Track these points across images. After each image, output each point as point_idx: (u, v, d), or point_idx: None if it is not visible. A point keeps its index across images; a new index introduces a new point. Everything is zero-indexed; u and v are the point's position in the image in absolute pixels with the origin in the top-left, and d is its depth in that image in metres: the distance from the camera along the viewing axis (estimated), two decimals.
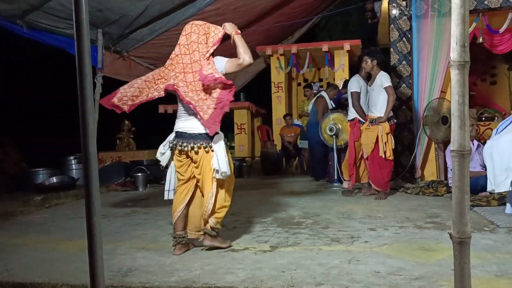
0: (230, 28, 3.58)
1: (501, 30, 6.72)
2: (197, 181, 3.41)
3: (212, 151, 3.28)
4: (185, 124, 3.43)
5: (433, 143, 6.47)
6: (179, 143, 3.35)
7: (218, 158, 3.23)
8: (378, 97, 5.43)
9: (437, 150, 6.50)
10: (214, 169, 3.24)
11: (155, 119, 11.84)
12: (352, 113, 5.81)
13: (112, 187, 7.71)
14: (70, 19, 6.48)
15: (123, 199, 6.40)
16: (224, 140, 3.34)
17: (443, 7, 6.42)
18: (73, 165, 8.82)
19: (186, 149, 3.31)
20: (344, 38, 11.65)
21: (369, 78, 5.77)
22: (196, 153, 3.30)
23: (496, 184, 3.93)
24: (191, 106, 3.25)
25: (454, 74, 1.64)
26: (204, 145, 3.29)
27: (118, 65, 8.57)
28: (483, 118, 7.98)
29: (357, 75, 5.93)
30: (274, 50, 9.72)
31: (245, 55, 3.42)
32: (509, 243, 3.29)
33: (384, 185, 5.50)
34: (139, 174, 7.54)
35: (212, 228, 3.32)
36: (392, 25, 7.03)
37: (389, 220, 4.27)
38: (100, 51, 7.63)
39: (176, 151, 3.38)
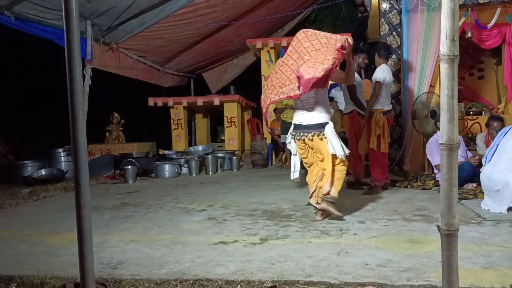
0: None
1: (489, 25, 6.77)
2: (320, 161, 4.06)
3: (325, 137, 3.92)
4: (301, 117, 4.07)
5: (422, 136, 6.52)
6: (297, 134, 4.07)
7: (333, 144, 3.88)
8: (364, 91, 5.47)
9: (426, 144, 6.55)
10: (331, 154, 3.89)
11: (144, 112, 11.77)
12: (351, 105, 5.83)
13: (102, 180, 7.67)
14: (58, 10, 6.41)
15: (113, 191, 6.37)
16: (334, 128, 3.96)
17: (433, 2, 6.45)
18: (62, 158, 8.74)
19: (303, 137, 4.01)
20: (334, 31, 11.64)
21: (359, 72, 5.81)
22: (311, 140, 3.98)
23: (505, 207, 4.01)
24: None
25: (444, 67, 1.65)
26: (317, 133, 3.94)
27: (107, 57, 8.52)
28: (471, 112, 8.05)
29: None
30: (264, 43, 9.70)
31: (352, 77, 4.33)
32: (495, 235, 3.34)
33: (376, 179, 5.50)
34: (129, 166, 7.50)
35: (332, 198, 3.97)
36: (382, 19, 7.04)
37: (377, 212, 4.31)
38: (89, 43, 7.57)
39: (296, 140, 4.11)
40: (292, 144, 4.23)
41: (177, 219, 4.32)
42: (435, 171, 5.71)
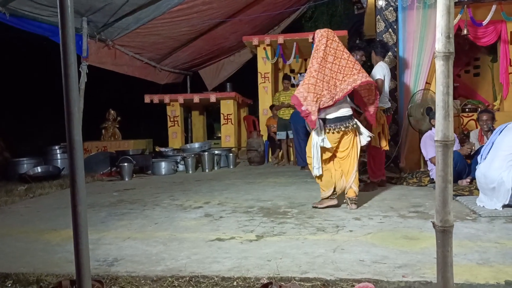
0: None
1: (485, 22, 6.79)
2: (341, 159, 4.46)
3: (356, 126, 4.38)
4: (341, 110, 4.32)
5: (418, 133, 6.54)
6: (337, 126, 4.30)
7: (361, 129, 4.42)
8: None
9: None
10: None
11: (141, 109, 11.75)
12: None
13: (98, 177, 7.66)
14: (53, 6, 6.37)
15: (109, 189, 6.36)
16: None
17: None
18: (58, 155, 8.72)
19: (342, 128, 4.30)
20: (330, 28, 11.64)
21: None
22: (349, 131, 4.35)
23: (501, 202, 4.03)
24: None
25: (439, 64, 1.66)
26: (352, 123, 4.35)
27: (103, 54, 8.49)
28: (467, 109, 8.07)
29: None
30: (260, 40, 9.68)
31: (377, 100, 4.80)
32: (490, 232, 3.36)
33: (373, 176, 5.50)
34: (125, 164, 7.49)
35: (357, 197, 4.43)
36: (378, 16, 7.05)
37: (373, 209, 4.32)
38: (85, 40, 7.54)
39: (334, 132, 4.31)
40: (326, 139, 4.30)
41: (173, 216, 4.32)
42: (429, 166, 5.72)
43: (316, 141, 4.30)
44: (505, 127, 4.25)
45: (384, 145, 5.36)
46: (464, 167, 5.31)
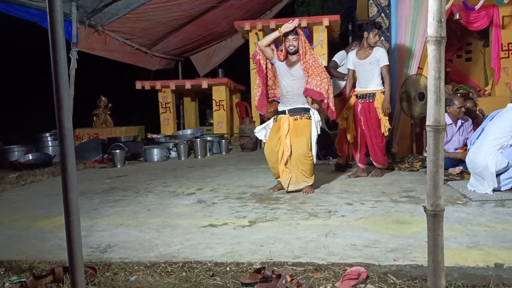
0: None
1: (477, 7, 6.77)
2: None
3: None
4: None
5: (410, 119, 6.56)
6: None
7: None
8: (375, 71, 5.25)
9: (414, 126, 6.58)
10: None
11: (132, 95, 11.67)
12: (338, 88, 5.77)
13: (90, 164, 7.63)
14: None
15: (101, 176, 6.34)
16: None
17: None
18: (49, 142, 8.65)
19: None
20: (322, 13, 11.59)
21: None
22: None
23: (486, 188, 4.05)
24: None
25: (431, 49, 1.66)
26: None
27: (93, 39, 8.39)
28: (458, 94, 8.09)
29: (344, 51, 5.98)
30: (252, 25, 9.60)
31: None
32: (480, 215, 3.40)
33: (384, 161, 5.45)
34: (117, 151, 7.46)
35: None
36: (370, 1, 7.01)
37: (365, 194, 4.35)
38: (75, 25, 7.44)
39: None
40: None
41: (166, 202, 4.32)
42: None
43: (316, 132, 4.55)
44: (497, 114, 4.28)
45: (385, 129, 5.34)
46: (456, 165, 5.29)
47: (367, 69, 5.28)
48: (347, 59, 5.59)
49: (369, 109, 5.30)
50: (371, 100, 5.28)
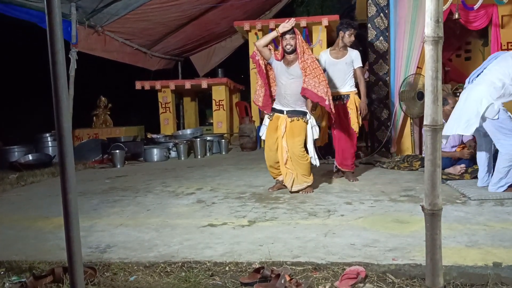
0: None
1: (476, 6, 6.77)
2: None
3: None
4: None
5: (409, 118, 6.57)
6: None
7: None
8: (350, 72, 5.17)
9: (413, 125, 6.60)
10: None
11: (132, 96, 11.66)
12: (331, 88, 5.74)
13: (90, 164, 7.62)
14: None
15: (101, 176, 6.34)
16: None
17: None
18: (49, 142, 8.65)
19: None
20: (322, 13, 11.60)
21: None
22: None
23: (462, 127, 3.95)
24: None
25: (428, 49, 1.66)
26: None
27: (93, 40, 8.39)
28: (458, 94, 8.09)
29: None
30: (252, 25, 9.60)
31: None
32: (479, 214, 3.40)
33: (352, 166, 5.28)
34: (117, 151, 7.46)
35: None
36: (369, 0, 7.01)
37: (364, 194, 4.35)
38: (74, 26, 7.44)
39: None
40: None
41: (165, 202, 4.32)
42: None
43: (312, 135, 4.58)
44: (500, 55, 4.16)
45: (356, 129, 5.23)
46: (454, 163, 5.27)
47: (343, 69, 5.16)
48: (320, 58, 5.27)
49: (343, 110, 5.17)
50: (345, 102, 5.18)
